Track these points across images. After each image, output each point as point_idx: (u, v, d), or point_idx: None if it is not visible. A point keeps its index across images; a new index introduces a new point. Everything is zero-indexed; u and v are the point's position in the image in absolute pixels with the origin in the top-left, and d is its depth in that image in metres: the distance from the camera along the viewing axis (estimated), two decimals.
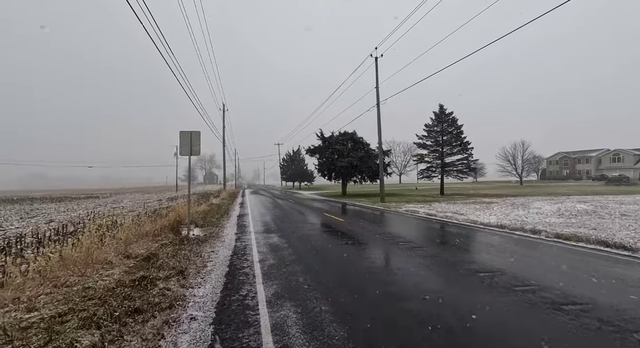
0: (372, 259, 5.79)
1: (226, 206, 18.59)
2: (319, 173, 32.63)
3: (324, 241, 7.52)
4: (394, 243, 7.09)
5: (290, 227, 9.91)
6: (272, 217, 12.85)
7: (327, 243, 7.29)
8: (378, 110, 21.09)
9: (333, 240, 7.61)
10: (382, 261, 5.73)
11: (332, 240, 7.62)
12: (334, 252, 6.35)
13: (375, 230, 9.19)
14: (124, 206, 20.09)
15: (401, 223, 10.96)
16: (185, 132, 8.94)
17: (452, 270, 4.86)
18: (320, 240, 7.63)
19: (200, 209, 13.77)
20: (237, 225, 10.90)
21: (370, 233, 8.58)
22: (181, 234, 8.04)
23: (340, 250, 6.46)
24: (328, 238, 7.88)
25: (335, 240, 7.59)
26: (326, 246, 6.95)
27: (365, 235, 8.29)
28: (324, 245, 7.07)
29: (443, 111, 26.83)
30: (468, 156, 26.38)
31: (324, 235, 8.37)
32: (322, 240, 7.64)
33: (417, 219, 11.83)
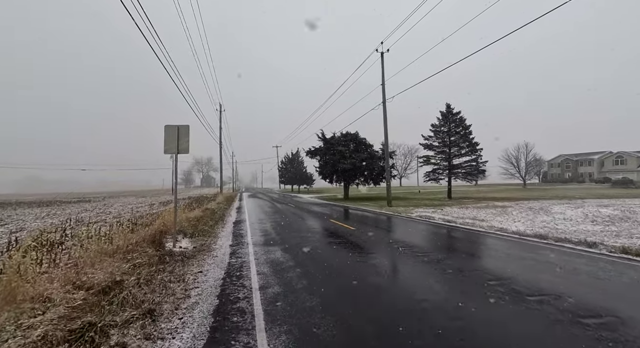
0: (412, 287, 4.39)
1: (222, 211, 17.18)
2: (320, 176, 31.28)
3: (340, 258, 6.13)
4: (429, 262, 5.73)
5: (294, 237, 8.54)
6: (273, 224, 11.47)
7: (344, 260, 5.92)
8: (384, 108, 19.84)
9: (350, 257, 6.24)
10: (426, 290, 4.33)
11: (349, 257, 6.25)
12: (358, 275, 4.96)
13: (394, 241, 7.83)
14: (112, 211, 18.62)
15: (420, 232, 9.61)
16: (171, 126, 7.59)
17: (540, 316, 3.35)
18: (334, 257, 6.25)
19: (193, 215, 12.36)
20: (233, 234, 9.50)
21: (391, 246, 7.22)
22: (164, 248, 6.64)
23: (364, 272, 5.09)
24: (343, 254, 6.50)
25: (353, 257, 6.22)
26: (343, 265, 5.58)
27: (385, 249, 6.93)
28: (341, 263, 5.69)
29: (450, 110, 25.64)
30: (477, 157, 25.16)
31: (336, 249, 6.99)
32: (337, 257, 6.26)
33: (437, 227, 10.48)
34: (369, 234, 8.86)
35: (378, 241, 7.79)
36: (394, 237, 8.43)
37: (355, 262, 5.76)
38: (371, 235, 8.74)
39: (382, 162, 28.67)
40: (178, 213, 11.04)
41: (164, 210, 14.15)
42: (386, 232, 9.44)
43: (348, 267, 5.42)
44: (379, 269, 5.23)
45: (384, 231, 9.68)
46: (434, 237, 8.71)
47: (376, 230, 9.86)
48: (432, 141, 26.31)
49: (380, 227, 10.76)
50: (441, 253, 6.38)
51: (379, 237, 8.37)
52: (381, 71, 19.78)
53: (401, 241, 7.79)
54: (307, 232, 9.49)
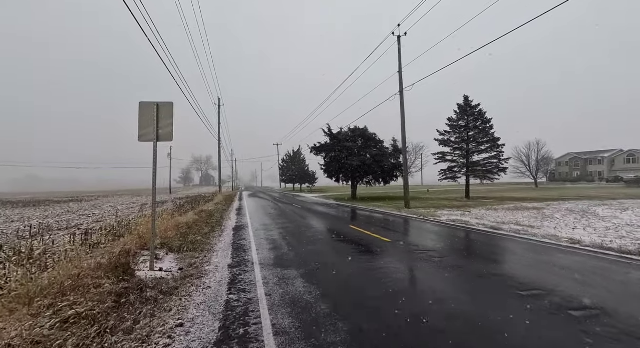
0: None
1: (220, 214, 15.12)
2: (326, 174, 29.19)
3: (405, 297, 4.05)
4: (541, 308, 3.67)
5: (314, 254, 6.48)
6: (281, 232, 9.41)
7: (414, 303, 3.85)
8: (401, 98, 17.77)
9: (420, 297, 4.18)
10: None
11: (417, 295, 4.19)
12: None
13: (464, 263, 5.79)
14: (96, 213, 16.56)
15: (475, 244, 7.56)
16: (148, 104, 5.52)
17: None
18: (394, 296, 4.17)
19: (184, 220, 10.31)
20: (233, 246, 7.44)
21: (468, 273, 5.17)
22: (133, 275, 4.58)
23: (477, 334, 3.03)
24: (402, 288, 4.43)
25: (426, 296, 4.16)
26: (423, 313, 3.52)
27: (467, 280, 4.88)
28: (415, 310, 3.63)
29: (468, 103, 23.57)
30: (498, 154, 23.12)
31: (386, 278, 4.88)
32: (398, 295, 4.18)
33: (488, 237, 8.42)
34: (413, 248, 6.81)
35: (443, 263, 5.73)
36: (454, 255, 6.38)
37: (436, 306, 3.69)
38: (418, 250, 6.69)
39: (393, 159, 26.65)
40: (165, 219, 8.99)
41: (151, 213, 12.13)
42: (433, 246, 7.39)
43: (432, 317, 3.35)
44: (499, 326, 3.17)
45: (429, 244, 7.63)
46: (498, 252, 6.65)
47: (418, 241, 7.81)
48: (449, 136, 24.24)
49: (417, 236, 8.72)
50: (523, 276, 4.31)
51: (434, 255, 6.32)
52: (398, 57, 17.71)
53: (472, 262, 5.74)
54: (328, 245, 7.42)
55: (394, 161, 26.52)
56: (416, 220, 12.32)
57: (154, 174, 5.50)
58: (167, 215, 9.94)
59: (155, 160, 5.48)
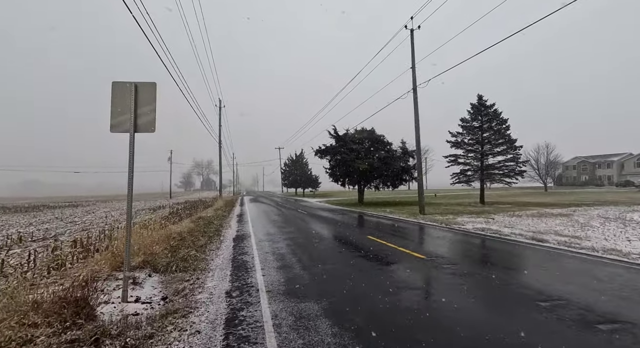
0: None
1: (219, 221, 13.83)
2: (331, 178, 27.92)
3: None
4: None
5: (337, 276, 5.16)
6: (289, 244, 8.10)
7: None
8: (415, 95, 16.55)
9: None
10: None
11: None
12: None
13: (533, 293, 4.46)
14: (85, 221, 15.28)
15: (535, 262, 6.24)
16: (123, 84, 4.28)
17: None
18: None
19: (178, 229, 9.02)
20: (233, 264, 6.13)
21: (537, 305, 3.85)
22: (94, 314, 3.29)
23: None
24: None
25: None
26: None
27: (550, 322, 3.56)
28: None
29: (482, 103, 22.33)
30: (515, 156, 21.80)
31: (465, 322, 3.55)
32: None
33: (535, 251, 7.07)
34: (463, 270, 5.48)
35: (509, 294, 4.41)
36: (516, 278, 5.05)
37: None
38: (470, 272, 5.37)
39: (402, 162, 25.37)
40: (153, 230, 7.70)
41: (146, 219, 10.84)
42: (481, 265, 6.07)
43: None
44: None
45: (475, 263, 6.31)
46: (576, 278, 5.31)
47: (458, 258, 6.47)
48: (462, 138, 22.96)
49: (452, 250, 7.37)
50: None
51: (493, 279, 5.00)
52: (411, 51, 16.54)
53: (541, 290, 4.42)
54: (351, 264, 6.09)
55: (403, 164, 25.24)
56: (439, 228, 10.99)
57: (129, 176, 4.22)
58: (157, 224, 8.65)
59: (131, 157, 4.21)
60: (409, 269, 5.41)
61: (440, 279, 4.89)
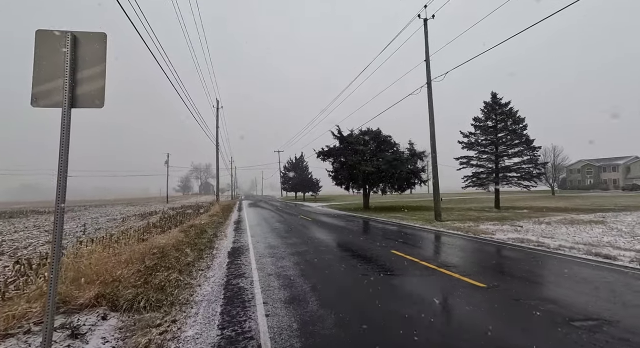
0: None
1: (214, 229, 12.27)
2: (334, 181, 26.40)
3: None
4: None
5: (375, 321, 3.64)
6: (297, 262, 6.56)
7: None
8: (429, 90, 15.15)
9: None
10: None
11: None
12: None
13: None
14: (67, 228, 13.70)
15: (611, 290, 4.72)
16: (53, 35, 2.80)
17: None
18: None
19: (162, 242, 7.48)
20: (225, 294, 4.60)
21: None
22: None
23: None
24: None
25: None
26: None
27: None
28: None
29: (497, 101, 20.97)
30: (532, 158, 20.38)
31: None
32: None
33: (615, 273, 5.57)
34: (545, 306, 3.97)
35: None
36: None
37: None
38: (563, 309, 3.85)
39: (410, 164, 23.88)
40: (127, 245, 6.18)
41: (125, 229, 9.30)
42: (581, 306, 4.56)
43: None
44: None
45: (564, 298, 4.79)
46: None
47: (530, 288, 4.92)
48: (476, 138, 21.55)
49: (507, 273, 5.86)
50: None
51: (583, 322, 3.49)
52: (425, 43, 15.19)
53: None
54: (386, 299, 4.56)
55: (411, 166, 23.76)
56: (467, 239, 9.48)
57: (59, 177, 2.70)
58: (135, 236, 7.10)
59: (65, 147, 2.71)
60: (479, 308, 3.86)
61: (550, 335, 3.32)
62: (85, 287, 3.83)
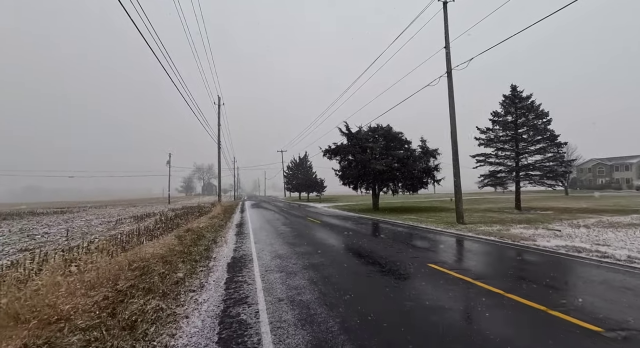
0: None
1: (213, 234, 10.98)
2: (342, 180, 25.05)
3: None
4: None
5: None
6: (315, 281, 5.21)
7: None
8: (449, 80, 13.78)
9: None
10: None
11: None
12: None
13: None
14: (50, 232, 12.48)
15: None
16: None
17: None
18: None
19: (150, 251, 6.20)
20: (220, 335, 3.29)
21: None
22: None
23: None
24: None
25: None
26: None
27: None
28: None
29: (517, 94, 19.53)
30: (556, 155, 18.90)
31: None
32: None
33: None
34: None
35: None
36: None
37: None
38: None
39: (423, 162, 22.47)
40: (104, 256, 4.91)
41: (125, 230, 8.04)
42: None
43: None
44: None
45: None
46: None
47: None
48: (495, 133, 20.11)
49: (603, 299, 4.50)
50: None
51: None
52: (444, 28, 13.82)
53: None
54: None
55: (424, 165, 22.36)
56: (508, 246, 8.09)
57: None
58: (117, 246, 5.82)
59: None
60: None
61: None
62: (5, 334, 2.53)
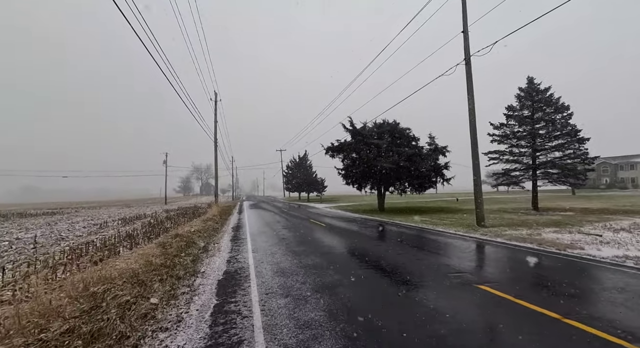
0: None
1: (205, 240, 9.62)
2: (345, 179, 23.70)
3: None
4: None
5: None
6: (335, 311, 3.87)
7: None
8: (468, 68, 12.47)
9: None
10: None
11: None
12: None
13: None
14: (26, 239, 11.09)
15: None
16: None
17: None
18: None
19: (120, 268, 4.88)
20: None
21: None
22: None
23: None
24: None
25: None
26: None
27: None
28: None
29: (534, 87, 18.25)
30: (575, 151, 17.63)
31: None
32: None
33: None
34: None
35: None
36: None
37: None
38: None
39: (432, 161, 21.18)
40: (70, 274, 3.53)
41: (105, 236, 6.70)
42: None
43: None
44: None
45: None
46: None
47: None
48: (510, 129, 18.82)
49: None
50: None
51: None
52: (462, 10, 12.52)
53: None
54: None
55: (433, 164, 21.06)
56: (560, 258, 6.77)
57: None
58: (82, 257, 4.47)
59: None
60: None
61: None
62: None
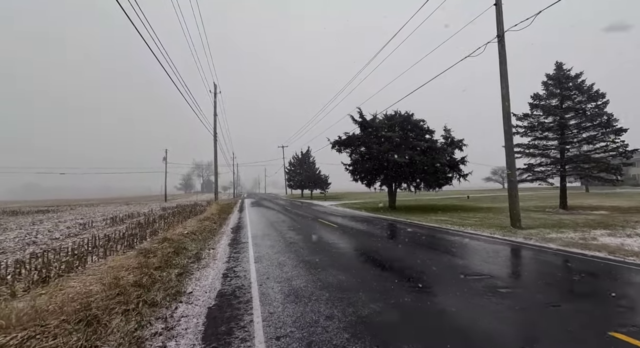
0: None
1: (199, 244, 8.11)
2: (353, 175, 22.12)
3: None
4: None
5: None
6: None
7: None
8: (500, 46, 10.87)
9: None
10: None
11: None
12: None
13: None
14: (3, 240, 9.61)
15: None
16: None
17: None
18: None
19: (78, 287, 3.39)
20: None
21: None
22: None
23: None
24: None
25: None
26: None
27: None
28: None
29: (564, 72, 16.59)
30: (609, 145, 16.01)
31: None
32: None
33: None
34: None
35: None
36: None
37: None
38: None
39: (447, 155, 19.58)
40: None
41: (83, 240, 5.21)
42: None
43: None
44: None
45: None
46: None
47: None
48: (536, 119, 17.20)
49: None
50: None
51: None
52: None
53: None
54: None
55: (449, 157, 19.47)
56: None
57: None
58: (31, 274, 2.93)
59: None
60: None
61: None
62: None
